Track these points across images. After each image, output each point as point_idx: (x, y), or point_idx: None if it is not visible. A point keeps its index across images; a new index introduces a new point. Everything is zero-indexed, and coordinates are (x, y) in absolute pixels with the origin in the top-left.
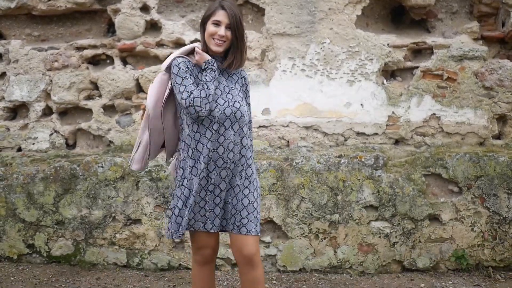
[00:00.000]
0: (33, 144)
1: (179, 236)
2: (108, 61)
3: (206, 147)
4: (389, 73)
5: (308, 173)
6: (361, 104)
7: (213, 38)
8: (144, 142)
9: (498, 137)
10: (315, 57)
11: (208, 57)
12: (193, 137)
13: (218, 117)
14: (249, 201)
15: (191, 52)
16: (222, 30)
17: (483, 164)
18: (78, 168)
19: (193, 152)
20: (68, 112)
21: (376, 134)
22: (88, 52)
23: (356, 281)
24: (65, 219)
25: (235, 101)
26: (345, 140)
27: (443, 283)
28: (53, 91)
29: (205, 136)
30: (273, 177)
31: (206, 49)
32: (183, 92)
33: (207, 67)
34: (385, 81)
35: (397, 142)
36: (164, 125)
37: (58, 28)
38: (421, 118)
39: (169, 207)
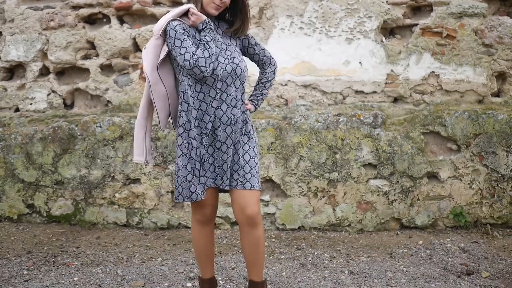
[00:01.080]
0: (31, 104)
1: (197, 198)
2: (104, 20)
3: (211, 106)
4: (388, 30)
5: (306, 131)
6: (360, 62)
7: (214, 2)
8: (142, 132)
9: (497, 94)
10: (313, 15)
11: (204, 17)
12: (197, 97)
13: (221, 75)
14: (250, 156)
15: (184, 14)
16: None
17: (482, 121)
18: (76, 128)
19: (197, 112)
20: (65, 72)
21: (375, 92)
22: (84, 11)
23: (354, 238)
24: (64, 179)
25: (234, 57)
26: (344, 98)
27: (441, 240)
28: (50, 50)
29: (209, 95)
30: (271, 136)
31: (200, 10)
32: (184, 54)
33: (205, 27)
34: (384, 39)
35: (396, 100)
36: (167, 88)
37: None
38: (420, 76)
39: (187, 171)
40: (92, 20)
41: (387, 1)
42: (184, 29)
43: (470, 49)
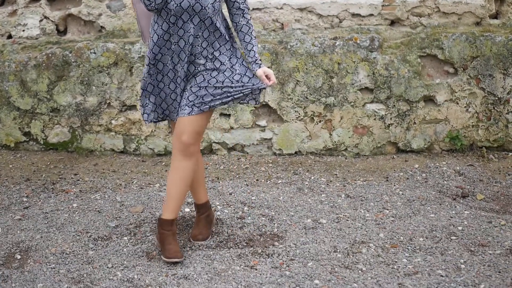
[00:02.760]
0: (23, 31)
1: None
2: None
3: (163, 38)
4: None
5: (303, 56)
6: None
7: None
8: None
9: (495, 16)
10: None
11: None
12: (152, 27)
13: (174, 10)
14: (217, 81)
15: None
16: None
17: (479, 44)
18: (70, 55)
19: (149, 41)
20: None
21: (372, 15)
22: None
23: (351, 162)
24: (60, 106)
25: None
26: (340, 21)
27: (437, 164)
28: None
29: (161, 28)
30: (267, 60)
31: None
32: None
33: None
34: None
35: (392, 23)
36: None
37: None
38: None
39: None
40: None
41: None
42: None
43: None
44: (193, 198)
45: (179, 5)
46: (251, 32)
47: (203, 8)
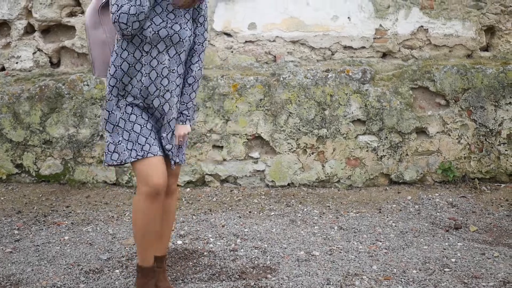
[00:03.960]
0: (17, 63)
1: (135, 157)
2: None
3: (134, 67)
4: None
5: (295, 88)
6: (348, 17)
7: None
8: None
9: (486, 49)
10: None
11: None
12: (120, 55)
13: (150, 38)
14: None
15: None
16: None
17: (470, 76)
18: (63, 87)
19: (116, 70)
20: (50, 29)
21: (364, 47)
22: None
23: (344, 194)
24: (53, 138)
25: (176, 23)
26: (332, 54)
27: (430, 195)
28: (34, 8)
29: (133, 56)
30: (260, 92)
31: None
32: (113, 5)
33: None
34: None
35: (384, 55)
36: (107, 33)
37: None
38: (409, 31)
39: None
40: None
41: None
42: None
43: (459, 3)
44: (156, 247)
45: (156, 32)
46: (196, 87)
47: (181, 40)
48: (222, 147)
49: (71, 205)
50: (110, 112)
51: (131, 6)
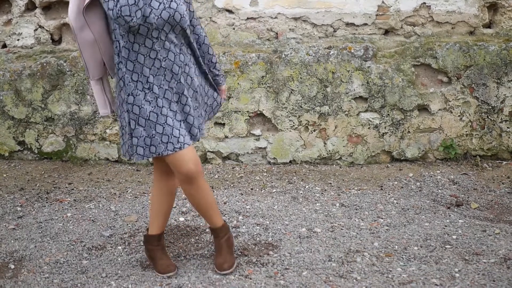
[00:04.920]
0: (18, 40)
1: (175, 149)
2: None
3: (149, 57)
4: None
5: (297, 65)
6: None
7: None
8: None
9: (488, 26)
10: None
11: None
12: (131, 48)
13: (155, 23)
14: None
15: None
16: None
17: (473, 53)
18: (65, 64)
19: (134, 65)
20: (52, 6)
21: (366, 24)
22: None
23: (345, 171)
24: (55, 115)
25: (171, 1)
26: (334, 31)
27: (431, 173)
28: None
29: (145, 46)
30: (262, 69)
31: None
32: (108, 1)
33: None
34: None
35: (387, 32)
36: (95, 34)
37: None
38: (411, 8)
39: (124, 126)
40: None
41: None
42: None
43: None
44: (208, 223)
45: (160, 16)
46: (210, 45)
47: (182, 16)
48: (224, 124)
49: (74, 182)
50: (140, 107)
51: None
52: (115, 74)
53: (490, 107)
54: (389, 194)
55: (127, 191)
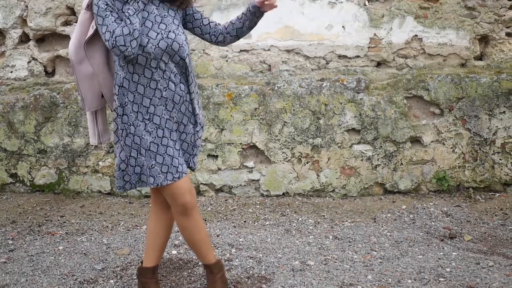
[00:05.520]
0: (11, 72)
1: (168, 181)
2: None
3: (149, 87)
4: None
5: (290, 97)
6: (343, 26)
7: None
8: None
9: (480, 58)
10: None
11: None
12: (131, 79)
13: (153, 53)
14: (198, 137)
15: None
16: None
17: (464, 85)
18: (58, 96)
19: (134, 96)
20: (45, 38)
21: (358, 56)
22: None
23: (339, 204)
24: (47, 147)
25: (169, 31)
26: (327, 63)
27: (425, 204)
28: (29, 17)
29: (144, 76)
30: (255, 101)
31: None
32: (105, 33)
33: None
34: (366, 2)
35: (379, 64)
36: (94, 67)
37: None
38: (403, 40)
39: (120, 159)
40: None
41: None
42: (107, 4)
43: (453, 12)
44: (200, 259)
45: (157, 46)
46: None
47: (181, 46)
48: (217, 156)
49: (66, 214)
50: (141, 137)
51: (123, 27)
52: (114, 105)
53: (482, 139)
54: (382, 227)
55: (119, 224)
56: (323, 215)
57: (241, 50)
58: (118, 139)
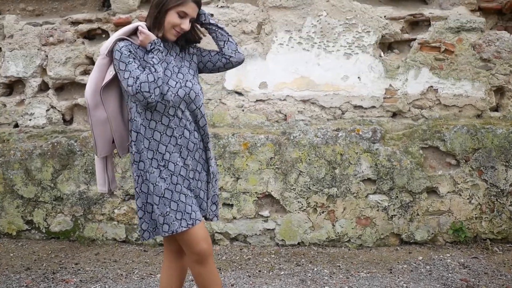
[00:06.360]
0: (30, 120)
1: (185, 226)
2: (103, 35)
3: (166, 134)
4: (386, 45)
5: (305, 146)
6: (359, 77)
7: (175, 29)
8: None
9: (495, 109)
10: (311, 30)
11: (153, 36)
12: (148, 126)
13: (172, 101)
14: (213, 186)
15: (134, 32)
16: (187, 24)
17: (480, 136)
18: (75, 144)
19: (150, 142)
20: (64, 87)
21: (374, 107)
22: (83, 27)
23: (354, 254)
24: (63, 195)
25: (187, 81)
26: (343, 113)
27: (441, 256)
28: (49, 66)
29: (161, 123)
30: (270, 151)
31: (154, 29)
32: (128, 78)
33: (154, 48)
34: (382, 54)
35: (394, 115)
36: (108, 113)
37: (52, 3)
38: (419, 91)
39: (138, 206)
40: (91, 36)
41: (385, 16)
42: (130, 51)
43: (468, 64)
44: None
45: (176, 94)
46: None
47: (197, 94)
48: (232, 205)
49: (80, 262)
50: (154, 184)
51: (148, 74)
52: (127, 152)
53: (499, 190)
54: (398, 278)
55: (133, 272)
56: (339, 266)
57: (257, 100)
58: (135, 186)
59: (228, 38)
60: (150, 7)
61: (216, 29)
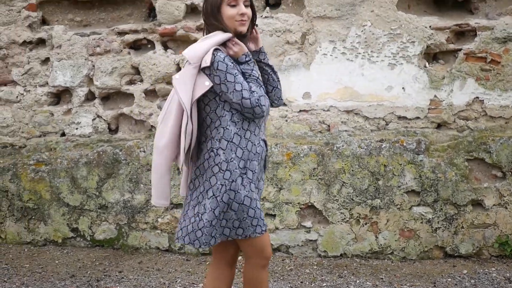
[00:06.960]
0: (77, 129)
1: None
2: (149, 45)
3: (255, 145)
4: (431, 56)
5: (349, 157)
6: (403, 88)
7: (236, 20)
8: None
9: None
10: (356, 40)
11: (246, 48)
12: (243, 136)
13: (267, 111)
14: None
15: (222, 43)
16: (243, 8)
17: None
18: (120, 153)
19: (243, 152)
20: (110, 97)
21: (418, 118)
22: (130, 37)
23: (397, 266)
24: (108, 203)
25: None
26: (387, 124)
27: (486, 270)
28: (96, 76)
29: (254, 134)
30: (313, 161)
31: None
32: (241, 91)
33: (250, 59)
34: (427, 64)
35: (439, 126)
36: (194, 124)
37: (99, 13)
38: (464, 102)
39: (214, 215)
40: (137, 46)
41: (430, 26)
42: (232, 62)
43: None
44: None
45: (266, 105)
46: None
47: (269, 104)
48: (274, 215)
49: (124, 270)
50: (236, 192)
51: (259, 87)
52: (218, 160)
53: None
54: None
55: (176, 281)
56: (382, 278)
57: (300, 110)
58: (212, 195)
59: (277, 85)
60: (205, 18)
61: (270, 72)
